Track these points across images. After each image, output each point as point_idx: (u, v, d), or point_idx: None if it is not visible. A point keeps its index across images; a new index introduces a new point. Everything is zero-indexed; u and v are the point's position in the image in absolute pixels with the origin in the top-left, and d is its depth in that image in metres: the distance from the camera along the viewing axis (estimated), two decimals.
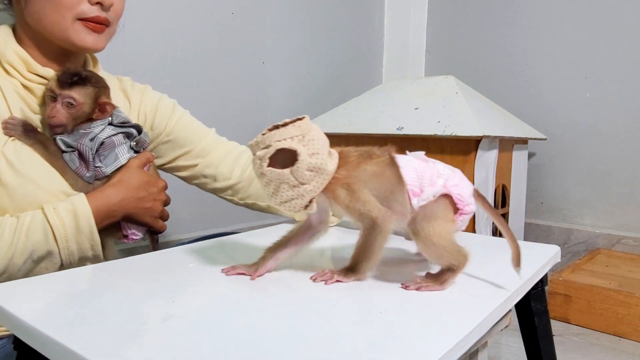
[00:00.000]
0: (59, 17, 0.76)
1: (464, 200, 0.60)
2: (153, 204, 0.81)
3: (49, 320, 0.45)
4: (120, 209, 0.77)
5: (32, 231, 0.69)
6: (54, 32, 0.77)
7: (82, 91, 0.77)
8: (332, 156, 0.58)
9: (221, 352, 0.40)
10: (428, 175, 0.60)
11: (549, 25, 2.00)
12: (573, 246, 1.98)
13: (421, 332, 0.45)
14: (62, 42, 0.79)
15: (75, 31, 0.78)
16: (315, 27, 2.00)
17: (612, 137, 1.89)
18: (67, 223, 0.71)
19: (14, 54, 0.77)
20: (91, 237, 0.73)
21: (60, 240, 0.71)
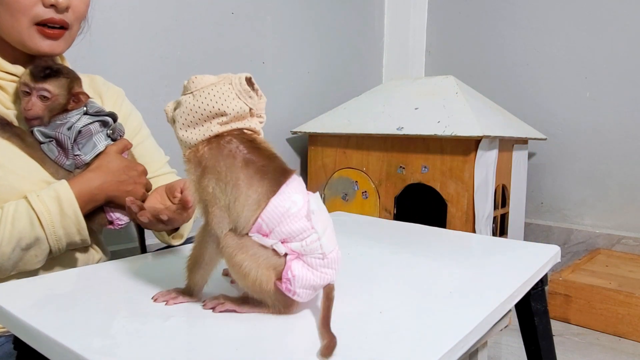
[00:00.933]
0: (14, 22, 0.76)
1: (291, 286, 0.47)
2: (134, 187, 0.81)
3: (49, 320, 0.45)
4: (101, 192, 0.78)
5: (18, 220, 0.70)
6: (11, 36, 0.77)
7: (56, 83, 0.77)
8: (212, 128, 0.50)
9: (221, 352, 0.40)
10: (288, 225, 0.47)
11: (549, 25, 2.00)
12: (573, 246, 1.98)
13: (421, 332, 0.45)
14: (20, 47, 0.79)
15: (30, 36, 0.77)
16: (315, 27, 2.00)
17: (612, 137, 1.89)
18: (51, 209, 0.72)
19: None
20: (76, 221, 0.74)
21: (46, 226, 0.71)
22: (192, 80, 0.51)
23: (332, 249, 0.49)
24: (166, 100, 1.51)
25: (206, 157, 0.49)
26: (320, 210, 0.50)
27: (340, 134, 1.70)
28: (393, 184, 1.63)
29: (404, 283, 0.60)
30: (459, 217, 1.52)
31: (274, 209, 0.47)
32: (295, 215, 0.48)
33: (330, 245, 0.49)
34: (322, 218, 0.49)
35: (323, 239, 0.48)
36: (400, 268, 0.67)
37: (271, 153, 0.51)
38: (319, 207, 0.50)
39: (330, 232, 0.50)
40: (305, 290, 0.47)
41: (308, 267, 0.48)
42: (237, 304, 0.50)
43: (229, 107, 0.50)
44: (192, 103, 0.50)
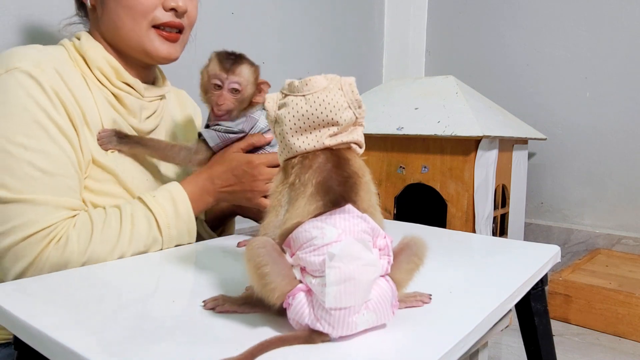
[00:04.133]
0: (135, 25, 0.76)
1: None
2: (250, 185, 0.78)
3: (49, 320, 0.45)
4: (211, 192, 0.77)
5: (137, 220, 0.70)
6: (130, 40, 0.77)
7: (244, 73, 0.78)
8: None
9: (221, 352, 0.40)
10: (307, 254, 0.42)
11: (549, 25, 2.00)
12: (573, 246, 1.98)
13: (421, 332, 0.45)
14: (137, 52, 0.79)
15: (150, 40, 0.78)
16: (315, 27, 2.00)
17: (612, 137, 1.89)
18: (167, 210, 0.72)
19: (105, 61, 0.77)
20: (189, 221, 0.74)
21: (163, 227, 0.71)
22: (306, 82, 0.50)
23: (339, 306, 0.40)
24: None
25: (296, 171, 0.47)
26: (346, 257, 0.40)
27: None
28: (393, 184, 1.63)
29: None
30: (459, 217, 1.52)
31: (302, 232, 0.43)
32: (317, 248, 0.42)
33: (339, 302, 0.40)
34: (342, 266, 0.40)
35: (329, 290, 0.40)
36: None
37: (349, 174, 0.47)
38: (346, 253, 0.41)
39: (352, 286, 0.40)
40: (294, 320, 0.43)
41: (309, 305, 0.42)
42: (237, 305, 0.49)
43: (341, 118, 0.47)
44: (304, 108, 0.48)
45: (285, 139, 0.49)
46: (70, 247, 0.65)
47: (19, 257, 0.64)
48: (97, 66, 0.76)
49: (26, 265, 0.64)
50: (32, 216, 0.64)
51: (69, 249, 0.65)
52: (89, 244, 0.66)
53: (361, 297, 0.41)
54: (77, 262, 0.66)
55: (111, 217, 0.69)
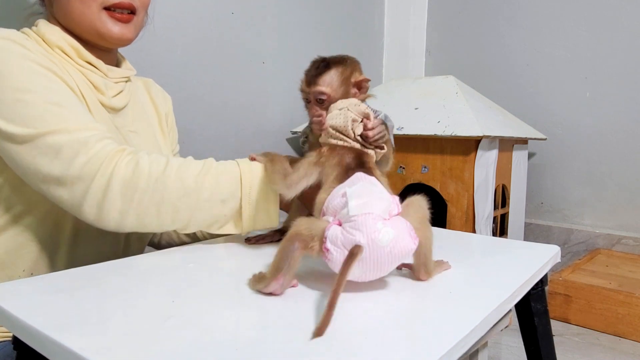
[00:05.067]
0: (85, 7, 0.76)
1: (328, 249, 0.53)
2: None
3: (49, 320, 0.45)
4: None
5: (223, 168, 0.70)
6: (82, 24, 0.77)
7: (328, 79, 0.72)
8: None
9: (221, 352, 0.40)
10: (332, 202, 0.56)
11: (549, 25, 2.00)
12: (573, 246, 1.98)
13: (421, 332, 0.45)
14: (91, 35, 0.79)
15: (102, 22, 0.77)
16: (315, 27, 2.00)
17: (612, 137, 1.89)
18: (255, 173, 0.71)
19: (64, 42, 0.77)
20: (274, 197, 0.72)
21: (244, 186, 0.70)
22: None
23: (362, 212, 0.52)
24: None
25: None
26: (358, 187, 0.56)
27: None
28: (393, 184, 1.62)
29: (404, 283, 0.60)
30: (459, 217, 1.52)
31: (330, 199, 0.57)
32: (336, 195, 0.57)
33: (361, 209, 0.52)
34: (358, 191, 0.55)
35: (351, 203, 0.53)
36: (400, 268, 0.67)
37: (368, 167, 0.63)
38: (357, 185, 0.57)
39: (370, 201, 0.54)
40: (333, 246, 0.52)
41: (340, 229, 0.53)
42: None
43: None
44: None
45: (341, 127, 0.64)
46: (141, 167, 0.65)
47: (87, 176, 0.64)
48: (57, 45, 0.77)
49: (103, 181, 0.64)
50: (76, 136, 0.65)
51: (140, 168, 0.65)
52: (162, 173, 0.66)
53: (379, 210, 0.53)
54: (145, 187, 0.65)
55: (191, 161, 0.70)
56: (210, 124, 1.66)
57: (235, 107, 1.73)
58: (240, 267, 0.66)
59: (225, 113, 1.70)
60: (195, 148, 1.62)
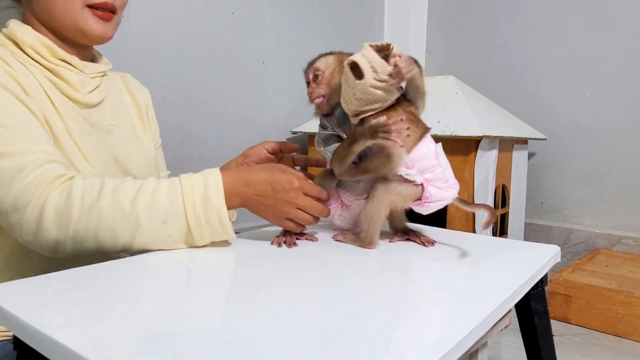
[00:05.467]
0: (68, 4, 0.76)
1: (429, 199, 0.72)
2: (281, 203, 0.73)
3: (49, 320, 0.45)
4: (242, 195, 0.72)
5: (160, 189, 0.67)
6: (63, 20, 0.77)
7: (323, 60, 0.80)
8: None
9: (221, 352, 0.40)
10: (424, 162, 0.71)
11: (549, 25, 2.00)
12: (573, 246, 1.98)
13: (421, 332, 0.45)
14: (71, 32, 0.79)
15: (85, 19, 0.77)
16: (315, 27, 2.00)
17: (612, 137, 1.89)
18: (196, 188, 0.68)
19: (36, 40, 0.77)
20: (219, 208, 0.68)
21: (187, 204, 0.67)
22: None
23: (451, 176, 0.72)
24: (166, 100, 1.51)
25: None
26: (442, 154, 0.73)
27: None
28: None
29: (404, 283, 0.60)
30: (459, 217, 1.52)
31: (417, 152, 0.70)
32: (429, 156, 0.70)
33: (450, 175, 0.72)
34: (444, 158, 0.73)
35: (446, 170, 0.71)
36: (400, 268, 0.67)
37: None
38: (442, 152, 0.73)
39: (449, 168, 0.72)
40: (438, 202, 0.71)
41: (438, 188, 0.71)
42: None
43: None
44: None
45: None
46: (73, 195, 0.63)
47: (20, 206, 0.63)
48: (28, 45, 0.76)
49: (36, 211, 0.63)
50: (13, 163, 0.63)
51: (72, 196, 0.63)
52: (96, 200, 0.64)
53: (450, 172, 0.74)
54: (79, 215, 0.63)
55: (127, 183, 0.67)
56: (210, 124, 1.66)
57: (235, 107, 1.73)
58: (241, 266, 0.66)
59: (225, 113, 1.70)
60: (196, 148, 1.62)
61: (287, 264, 0.67)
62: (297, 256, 0.70)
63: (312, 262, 0.69)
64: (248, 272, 0.64)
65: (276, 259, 0.69)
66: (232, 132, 1.72)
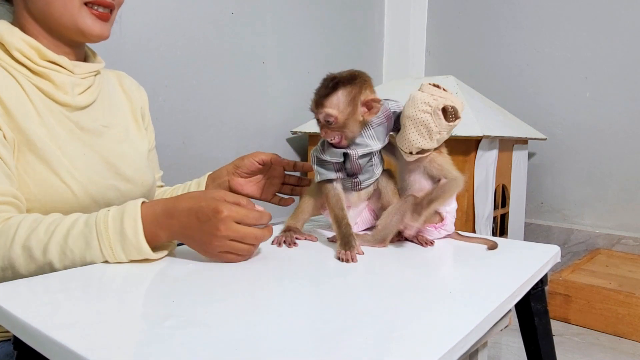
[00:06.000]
0: (67, 3, 0.75)
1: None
2: (208, 237, 0.64)
3: (49, 320, 0.45)
4: (165, 227, 0.64)
5: (74, 233, 0.63)
6: (61, 19, 0.76)
7: (334, 101, 0.70)
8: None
9: (221, 352, 0.40)
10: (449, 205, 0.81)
11: (549, 25, 2.00)
12: (573, 246, 1.98)
13: (421, 332, 0.45)
14: (69, 31, 0.78)
15: (83, 18, 0.77)
16: (315, 27, 2.00)
17: (612, 137, 1.89)
18: (111, 227, 0.63)
19: (23, 43, 0.76)
20: (137, 245, 0.62)
21: (104, 247, 0.62)
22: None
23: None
24: (166, 100, 1.51)
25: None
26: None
27: None
28: None
29: (404, 283, 0.60)
30: (459, 217, 1.52)
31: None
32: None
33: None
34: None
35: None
36: (400, 268, 0.67)
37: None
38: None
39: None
40: (446, 232, 0.81)
41: (451, 221, 0.80)
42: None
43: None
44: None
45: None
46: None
47: None
48: (15, 48, 0.75)
49: None
50: None
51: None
52: (9, 250, 0.63)
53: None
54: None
55: (42, 227, 0.63)
56: (210, 124, 1.66)
57: (235, 107, 1.73)
58: (240, 266, 0.66)
59: (226, 113, 1.70)
60: (196, 148, 1.62)
61: (286, 264, 0.67)
62: (297, 256, 0.70)
63: (312, 262, 0.69)
64: (248, 272, 0.64)
65: (276, 259, 0.69)
66: (232, 132, 1.72)
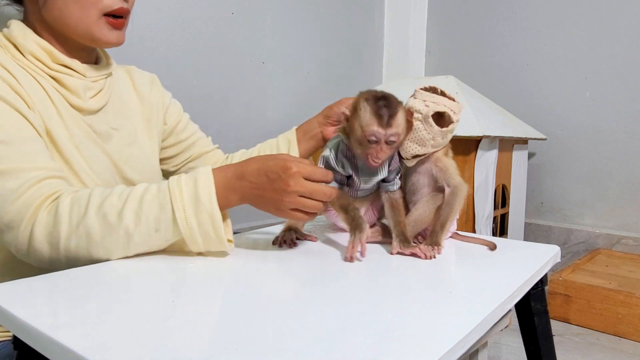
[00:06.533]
0: (84, 14, 0.75)
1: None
2: (279, 193, 0.65)
3: (49, 320, 0.45)
4: (237, 190, 0.67)
5: (147, 197, 0.65)
6: (77, 29, 0.76)
7: (400, 121, 0.70)
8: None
9: (221, 352, 0.40)
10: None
11: (549, 25, 2.00)
12: (573, 246, 1.98)
13: (421, 332, 0.45)
14: (83, 39, 0.78)
15: (100, 28, 0.77)
16: (315, 27, 2.00)
17: (612, 137, 1.89)
18: (185, 191, 0.64)
19: (37, 46, 0.75)
20: (211, 210, 0.64)
21: (177, 209, 0.64)
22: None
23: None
24: None
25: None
26: None
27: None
28: None
29: (404, 283, 0.60)
30: (459, 217, 1.52)
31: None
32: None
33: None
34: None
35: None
36: (400, 268, 0.67)
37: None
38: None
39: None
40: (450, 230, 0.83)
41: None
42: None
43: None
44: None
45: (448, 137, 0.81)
46: (60, 213, 0.63)
47: (14, 226, 0.64)
48: (29, 51, 0.75)
49: (27, 232, 0.63)
50: (9, 184, 0.63)
51: (59, 215, 0.63)
52: (83, 217, 0.63)
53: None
54: (68, 234, 0.63)
55: (115, 194, 0.65)
56: (210, 124, 1.66)
57: (235, 107, 1.73)
58: (240, 266, 0.66)
59: (225, 113, 1.70)
60: None
61: (287, 264, 0.67)
62: (297, 256, 0.70)
63: (312, 262, 0.69)
64: (248, 272, 0.64)
65: (276, 259, 0.69)
66: (232, 132, 1.72)
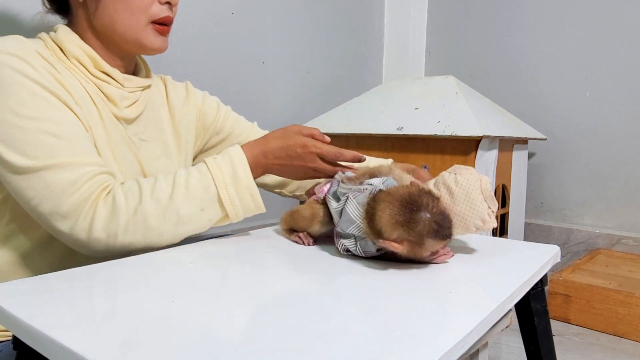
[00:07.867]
0: (133, 20, 0.77)
1: None
2: (300, 165, 0.79)
3: (49, 320, 0.45)
4: (262, 165, 0.78)
5: (192, 179, 0.71)
6: (126, 34, 0.78)
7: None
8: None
9: (221, 352, 0.40)
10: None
11: (549, 25, 2.00)
12: (573, 246, 1.98)
13: (421, 331, 0.45)
14: (130, 46, 0.79)
15: (147, 34, 0.79)
16: (315, 28, 2.00)
17: (612, 137, 1.89)
18: (225, 171, 0.73)
19: (82, 51, 0.77)
20: (249, 185, 0.74)
21: (220, 188, 0.72)
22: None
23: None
24: None
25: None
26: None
27: (340, 134, 1.70)
28: None
29: (404, 283, 0.60)
30: None
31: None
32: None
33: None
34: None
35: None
36: (400, 268, 0.67)
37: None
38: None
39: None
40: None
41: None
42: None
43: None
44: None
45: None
46: (117, 204, 0.67)
47: (72, 217, 0.66)
48: (73, 56, 0.76)
49: (86, 223, 0.66)
50: (67, 176, 0.66)
51: (117, 205, 0.67)
52: (139, 204, 0.68)
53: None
54: (126, 221, 0.67)
55: (161, 180, 0.71)
56: None
57: (235, 107, 1.73)
58: (240, 266, 0.66)
59: None
60: None
61: (286, 264, 0.67)
62: (297, 256, 0.70)
63: (312, 262, 0.69)
64: (248, 272, 0.64)
65: (276, 259, 0.69)
66: None
